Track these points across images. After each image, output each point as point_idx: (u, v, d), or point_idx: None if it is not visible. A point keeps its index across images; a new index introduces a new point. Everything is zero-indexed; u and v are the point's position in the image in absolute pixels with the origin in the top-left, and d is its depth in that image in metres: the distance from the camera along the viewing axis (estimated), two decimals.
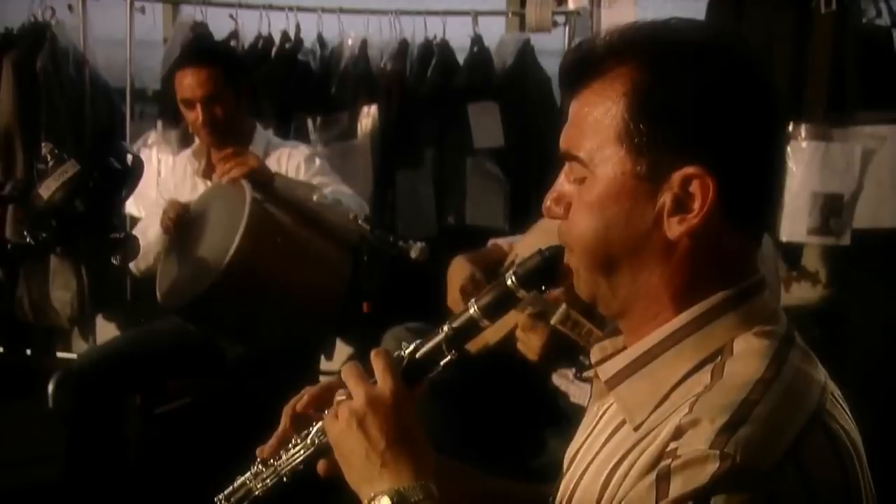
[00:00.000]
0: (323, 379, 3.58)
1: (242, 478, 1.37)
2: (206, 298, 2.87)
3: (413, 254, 2.82)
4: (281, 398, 1.43)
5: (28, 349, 4.82)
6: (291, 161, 3.35)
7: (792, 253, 3.99)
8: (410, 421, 1.20)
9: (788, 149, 3.82)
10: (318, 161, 3.39)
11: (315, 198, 3.10)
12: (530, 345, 2.29)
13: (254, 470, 1.36)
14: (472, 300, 1.27)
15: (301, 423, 1.36)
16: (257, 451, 1.37)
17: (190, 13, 4.38)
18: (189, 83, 3.22)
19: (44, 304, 4.50)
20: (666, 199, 1.08)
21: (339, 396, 1.24)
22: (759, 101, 1.10)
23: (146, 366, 3.29)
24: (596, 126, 1.11)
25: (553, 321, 2.14)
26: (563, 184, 1.18)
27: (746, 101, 1.08)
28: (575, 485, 1.18)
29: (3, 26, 4.38)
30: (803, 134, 3.79)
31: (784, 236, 3.82)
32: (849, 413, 1.11)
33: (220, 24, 4.35)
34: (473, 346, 2.70)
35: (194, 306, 2.93)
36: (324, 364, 3.92)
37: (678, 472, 0.95)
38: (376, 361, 1.23)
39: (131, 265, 3.35)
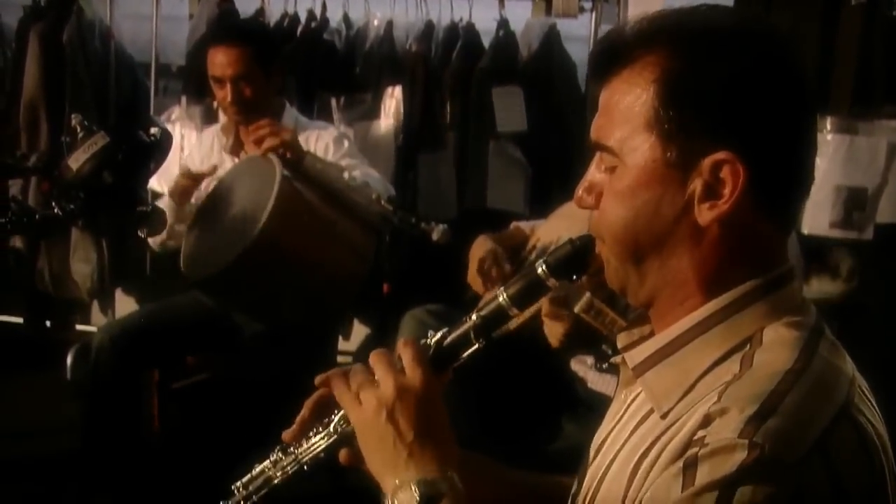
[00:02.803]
0: (340, 359, 3.61)
1: (261, 465, 1.34)
2: (230, 273, 2.87)
3: (435, 236, 2.82)
4: (297, 376, 1.43)
5: (48, 321, 4.85)
6: (320, 142, 3.35)
7: (814, 246, 3.97)
8: (438, 412, 1.19)
9: None
10: (346, 143, 3.40)
11: (345, 178, 3.11)
12: (552, 331, 2.29)
13: (273, 458, 1.34)
14: (501, 288, 1.25)
15: (322, 408, 1.33)
16: (283, 435, 1.35)
17: None
18: (220, 61, 3.23)
19: (64, 276, 4.53)
20: (696, 185, 1.07)
21: (359, 376, 1.23)
22: (790, 87, 1.09)
23: (165, 341, 3.31)
24: (626, 114, 1.10)
25: (577, 309, 2.14)
26: (595, 173, 1.17)
27: (777, 88, 1.08)
28: (603, 473, 1.18)
29: None
30: (828, 127, 3.77)
31: (806, 229, 3.80)
32: (876, 407, 1.10)
33: (246, 1, 4.35)
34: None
35: (217, 280, 2.94)
36: (341, 344, 3.93)
37: (705, 460, 0.95)
38: (405, 351, 1.22)
39: (150, 241, 3.37)
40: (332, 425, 1.29)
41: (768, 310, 1.10)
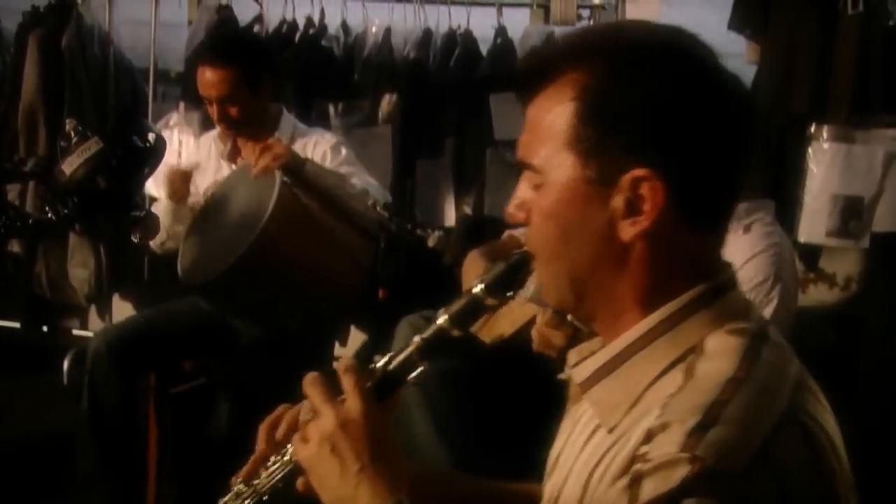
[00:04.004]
0: (336, 365, 3.61)
1: (223, 500, 1.35)
2: (228, 278, 2.88)
3: (431, 242, 2.83)
4: (294, 383, 1.43)
5: (45, 325, 4.85)
6: (318, 149, 3.36)
7: (810, 254, 3.98)
8: (383, 438, 1.19)
9: (810, 150, 3.81)
10: (344, 150, 3.40)
11: (343, 186, 3.12)
12: (552, 343, 2.29)
13: (235, 490, 1.34)
14: (442, 309, 1.26)
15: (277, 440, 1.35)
16: (232, 481, 1.35)
17: None
18: (206, 81, 3.24)
19: (62, 281, 4.54)
20: (618, 202, 1.08)
21: (305, 415, 1.25)
22: (707, 101, 1.09)
23: (162, 345, 3.31)
24: (548, 132, 1.11)
25: (570, 316, 2.14)
26: (525, 190, 1.17)
27: (694, 103, 1.08)
28: (559, 490, 1.18)
29: (30, 4, 4.41)
30: (825, 135, 3.78)
31: (803, 237, 3.81)
32: (828, 408, 1.10)
33: (244, 7, 4.36)
34: (488, 336, 2.70)
35: (215, 285, 2.95)
36: (338, 350, 3.93)
37: (649, 476, 0.95)
38: (345, 378, 1.21)
39: (150, 243, 3.37)
40: (288, 454, 1.29)
41: (711, 318, 1.10)
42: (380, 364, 1.27)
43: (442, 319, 1.25)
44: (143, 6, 4.39)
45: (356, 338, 4.28)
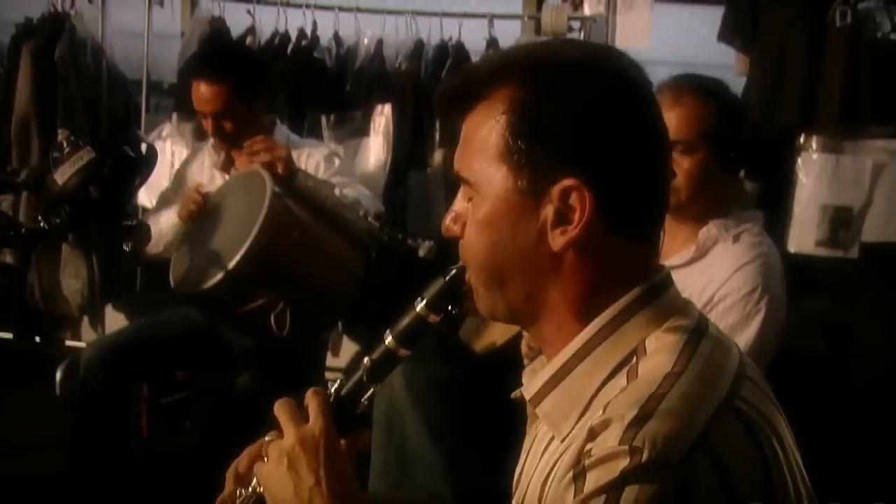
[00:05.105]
0: (328, 375, 3.61)
1: None
2: (220, 288, 2.89)
3: (422, 252, 2.84)
4: (286, 392, 1.46)
5: (37, 336, 4.85)
6: (311, 160, 3.37)
7: (799, 264, 3.98)
8: (339, 459, 1.23)
9: (799, 160, 3.82)
10: (337, 161, 3.42)
11: (336, 196, 3.13)
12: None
13: None
14: (388, 330, 1.30)
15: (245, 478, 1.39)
16: None
17: (208, 8, 4.40)
18: (201, 96, 3.26)
19: (54, 291, 4.53)
20: (548, 212, 1.11)
21: (267, 438, 1.29)
22: (632, 113, 1.13)
23: (154, 356, 3.32)
24: (480, 147, 1.15)
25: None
26: (460, 203, 1.21)
27: (618, 115, 1.12)
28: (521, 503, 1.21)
29: (23, 15, 4.41)
30: (814, 146, 3.79)
31: (792, 248, 3.82)
32: (773, 399, 1.14)
33: (237, 19, 4.37)
34: (480, 345, 2.71)
35: (207, 295, 2.95)
36: (329, 360, 3.94)
37: (592, 469, 0.98)
38: (311, 401, 1.26)
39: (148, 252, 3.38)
40: (252, 485, 1.33)
41: (648, 320, 1.13)
42: (334, 388, 1.32)
43: (388, 340, 1.29)
44: (136, 17, 4.40)
45: (348, 348, 4.29)
